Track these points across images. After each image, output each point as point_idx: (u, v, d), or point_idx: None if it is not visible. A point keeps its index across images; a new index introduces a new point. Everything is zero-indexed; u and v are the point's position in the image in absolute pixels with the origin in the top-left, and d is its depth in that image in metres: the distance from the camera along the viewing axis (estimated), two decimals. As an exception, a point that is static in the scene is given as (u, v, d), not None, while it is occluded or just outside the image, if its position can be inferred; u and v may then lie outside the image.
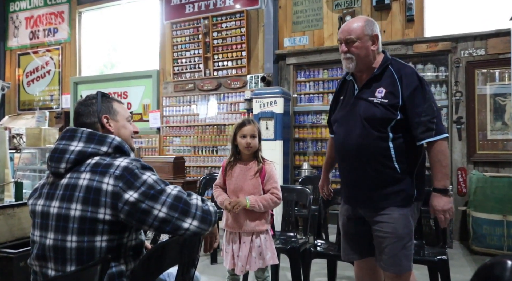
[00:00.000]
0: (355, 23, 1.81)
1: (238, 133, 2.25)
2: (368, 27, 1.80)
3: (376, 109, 1.75)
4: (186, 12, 6.29)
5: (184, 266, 1.31)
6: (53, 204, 1.25)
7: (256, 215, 2.22)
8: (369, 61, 1.82)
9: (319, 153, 5.42)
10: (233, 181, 2.28)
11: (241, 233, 2.23)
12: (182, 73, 6.36)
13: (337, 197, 2.85)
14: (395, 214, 1.74)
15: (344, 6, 5.30)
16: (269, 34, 5.54)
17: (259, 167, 2.26)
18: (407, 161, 1.76)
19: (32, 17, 7.82)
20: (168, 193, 1.25)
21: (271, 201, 2.23)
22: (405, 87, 1.73)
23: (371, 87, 1.80)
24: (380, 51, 1.86)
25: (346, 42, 1.81)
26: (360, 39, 1.78)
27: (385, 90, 1.76)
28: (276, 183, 2.29)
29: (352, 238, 1.95)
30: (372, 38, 1.80)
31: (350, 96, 1.88)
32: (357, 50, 1.79)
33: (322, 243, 2.69)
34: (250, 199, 2.18)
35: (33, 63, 7.79)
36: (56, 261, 1.23)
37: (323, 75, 5.48)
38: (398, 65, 1.81)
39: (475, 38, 4.56)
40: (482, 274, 0.90)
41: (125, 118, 1.45)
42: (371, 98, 1.77)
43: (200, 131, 6.18)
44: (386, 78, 1.79)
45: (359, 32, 1.78)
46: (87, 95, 1.44)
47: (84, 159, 1.28)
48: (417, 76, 1.76)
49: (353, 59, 1.80)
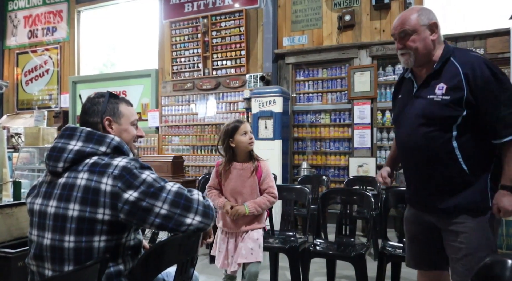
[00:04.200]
0: (408, 14, 1.64)
1: (236, 133, 2.24)
2: (423, 16, 1.62)
3: (436, 108, 1.57)
4: (185, 11, 6.28)
5: (182, 265, 1.30)
6: (51, 203, 1.24)
7: (254, 216, 2.24)
8: (429, 54, 1.63)
9: (318, 152, 5.42)
10: (230, 183, 2.28)
11: (238, 233, 2.25)
12: (181, 73, 6.35)
13: (336, 196, 2.86)
14: (470, 223, 1.56)
15: (343, 5, 5.30)
16: (268, 33, 5.53)
17: (255, 165, 2.26)
18: (478, 161, 1.57)
19: (31, 16, 7.80)
20: (168, 190, 1.25)
21: (268, 203, 2.25)
22: (473, 80, 1.52)
23: (430, 83, 1.63)
24: (441, 40, 1.66)
25: (400, 36, 1.64)
26: (417, 31, 1.61)
27: (446, 86, 1.57)
28: (272, 182, 2.31)
29: (421, 246, 1.77)
30: (430, 27, 1.62)
31: (409, 94, 1.73)
32: (415, 43, 1.61)
33: (321, 242, 2.69)
34: (249, 207, 2.20)
35: (31, 62, 7.77)
36: (54, 261, 1.22)
37: (322, 74, 5.47)
38: (462, 56, 1.61)
39: (474, 38, 4.56)
40: (483, 273, 0.89)
41: (129, 122, 1.43)
42: (430, 96, 1.60)
43: (199, 130, 6.17)
44: (448, 73, 1.59)
45: (413, 23, 1.61)
46: (98, 92, 1.43)
47: (82, 158, 1.27)
48: (487, 65, 1.54)
49: (411, 54, 1.63)
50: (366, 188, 4.02)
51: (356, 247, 2.57)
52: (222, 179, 2.31)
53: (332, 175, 5.30)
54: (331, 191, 2.96)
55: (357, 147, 5.04)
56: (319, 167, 5.40)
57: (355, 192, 2.93)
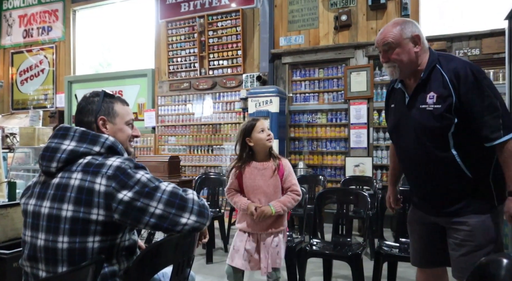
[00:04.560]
0: (391, 28, 1.66)
1: (253, 131, 2.19)
2: (406, 29, 1.64)
3: (429, 118, 1.59)
4: (181, 11, 6.26)
5: (179, 265, 1.29)
6: (44, 204, 1.23)
7: (276, 216, 2.19)
8: (414, 65, 1.66)
9: (314, 152, 5.42)
10: (253, 183, 2.21)
11: (260, 234, 2.20)
12: (177, 72, 6.34)
13: (332, 196, 2.86)
14: (472, 221, 1.59)
15: (339, 5, 5.31)
16: (264, 33, 5.53)
17: (276, 163, 2.22)
18: (479, 163, 1.59)
19: (26, 15, 7.75)
20: (163, 190, 1.24)
21: (293, 201, 2.21)
22: (457, 86, 1.55)
23: (420, 93, 1.65)
24: (426, 48, 1.68)
25: (384, 50, 1.67)
26: (400, 44, 1.63)
27: (436, 95, 1.59)
28: (295, 179, 2.27)
29: (427, 245, 1.80)
30: (413, 39, 1.64)
31: (401, 104, 1.74)
32: (399, 56, 1.64)
33: (318, 242, 2.69)
34: (275, 206, 2.15)
35: (26, 62, 7.72)
36: (47, 262, 1.21)
37: (318, 74, 5.48)
38: (447, 62, 1.63)
39: (470, 38, 4.58)
40: (478, 272, 0.90)
41: (124, 122, 1.41)
42: (423, 105, 1.62)
43: (195, 130, 6.16)
44: (435, 81, 1.62)
45: (397, 36, 1.63)
46: (93, 91, 1.42)
47: (76, 158, 1.26)
48: (471, 70, 1.55)
49: (395, 67, 1.66)
50: (362, 187, 4.02)
51: (352, 247, 2.57)
52: (244, 179, 2.24)
53: (328, 174, 5.31)
54: (328, 191, 2.96)
55: (353, 146, 5.06)
56: (316, 167, 5.40)
57: (351, 191, 2.94)
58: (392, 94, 1.85)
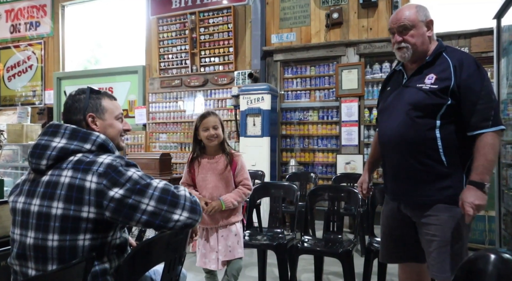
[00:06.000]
0: (407, 10, 1.69)
1: (200, 127, 2.20)
2: (421, 13, 1.68)
3: (423, 95, 1.62)
4: (172, 7, 6.21)
5: (170, 263, 1.29)
6: (34, 202, 1.22)
7: (231, 209, 2.24)
8: (425, 49, 1.69)
9: (306, 150, 5.45)
10: (204, 177, 2.25)
11: (218, 228, 2.24)
12: (168, 69, 6.30)
13: (323, 193, 2.88)
14: (443, 216, 1.60)
15: (331, 3, 5.32)
16: (256, 30, 5.52)
17: (228, 158, 2.24)
18: (457, 154, 1.61)
19: (13, 10, 7.60)
20: (154, 187, 1.23)
21: (244, 195, 2.26)
22: (459, 72, 1.59)
23: (421, 74, 1.68)
24: (434, 38, 1.74)
25: (399, 30, 1.68)
26: (416, 26, 1.66)
27: (435, 76, 1.63)
28: (246, 174, 2.30)
29: (397, 240, 1.81)
30: (427, 23, 1.69)
31: (398, 85, 1.77)
32: (413, 38, 1.66)
33: (309, 239, 2.71)
34: (224, 201, 2.19)
35: (14, 57, 7.59)
36: (37, 261, 1.19)
37: (310, 72, 5.49)
38: (454, 52, 1.69)
39: (459, 37, 4.63)
40: (466, 267, 0.91)
41: (113, 117, 1.39)
42: (419, 85, 1.65)
43: (186, 127, 6.13)
44: (439, 65, 1.66)
45: (413, 18, 1.66)
46: (78, 88, 1.39)
47: (66, 155, 1.24)
48: (475, 62, 1.62)
49: (408, 48, 1.68)
50: (353, 185, 4.05)
51: (343, 244, 2.59)
52: (195, 173, 2.27)
53: (320, 172, 5.33)
54: (319, 188, 2.98)
55: (344, 144, 5.08)
56: (307, 164, 5.43)
57: (342, 189, 2.96)
58: (391, 79, 1.88)
